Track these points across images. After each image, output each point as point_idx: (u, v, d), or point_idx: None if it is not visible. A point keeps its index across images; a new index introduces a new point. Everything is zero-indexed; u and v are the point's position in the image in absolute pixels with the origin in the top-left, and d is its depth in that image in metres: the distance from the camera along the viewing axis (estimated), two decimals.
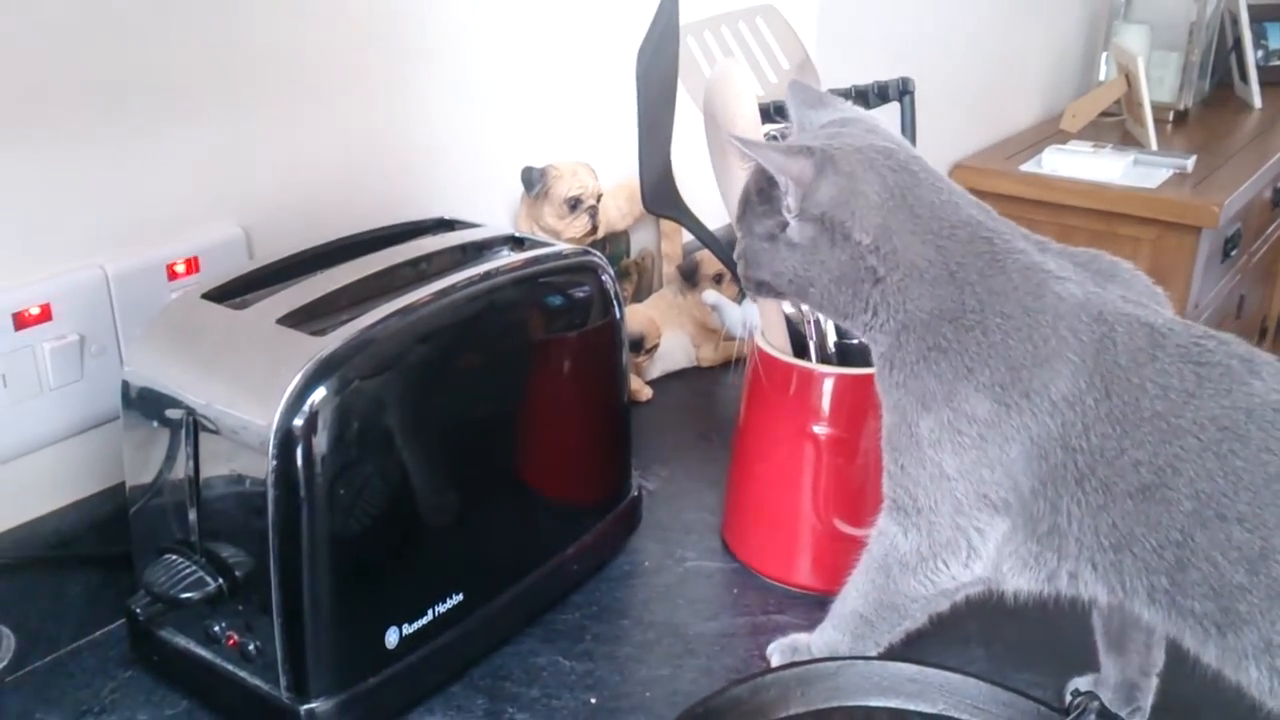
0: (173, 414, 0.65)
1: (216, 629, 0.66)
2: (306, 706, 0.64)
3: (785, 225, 0.63)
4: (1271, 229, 2.53)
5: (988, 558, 0.63)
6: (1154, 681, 0.69)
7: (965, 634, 0.75)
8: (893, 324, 0.62)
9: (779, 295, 0.67)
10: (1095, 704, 0.62)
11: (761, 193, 0.64)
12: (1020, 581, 0.63)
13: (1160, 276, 2.00)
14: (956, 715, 0.65)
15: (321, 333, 0.63)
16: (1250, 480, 0.54)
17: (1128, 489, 0.57)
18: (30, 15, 0.69)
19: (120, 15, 0.73)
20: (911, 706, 0.66)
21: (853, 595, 0.68)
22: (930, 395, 0.61)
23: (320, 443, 0.61)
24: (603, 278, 0.77)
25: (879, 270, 0.61)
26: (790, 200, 0.62)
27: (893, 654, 0.69)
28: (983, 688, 0.65)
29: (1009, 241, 0.61)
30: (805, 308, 0.79)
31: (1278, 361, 0.57)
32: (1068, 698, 0.67)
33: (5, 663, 0.54)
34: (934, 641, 0.73)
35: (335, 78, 0.88)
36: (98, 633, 0.75)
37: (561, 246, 0.78)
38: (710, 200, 0.80)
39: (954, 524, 0.62)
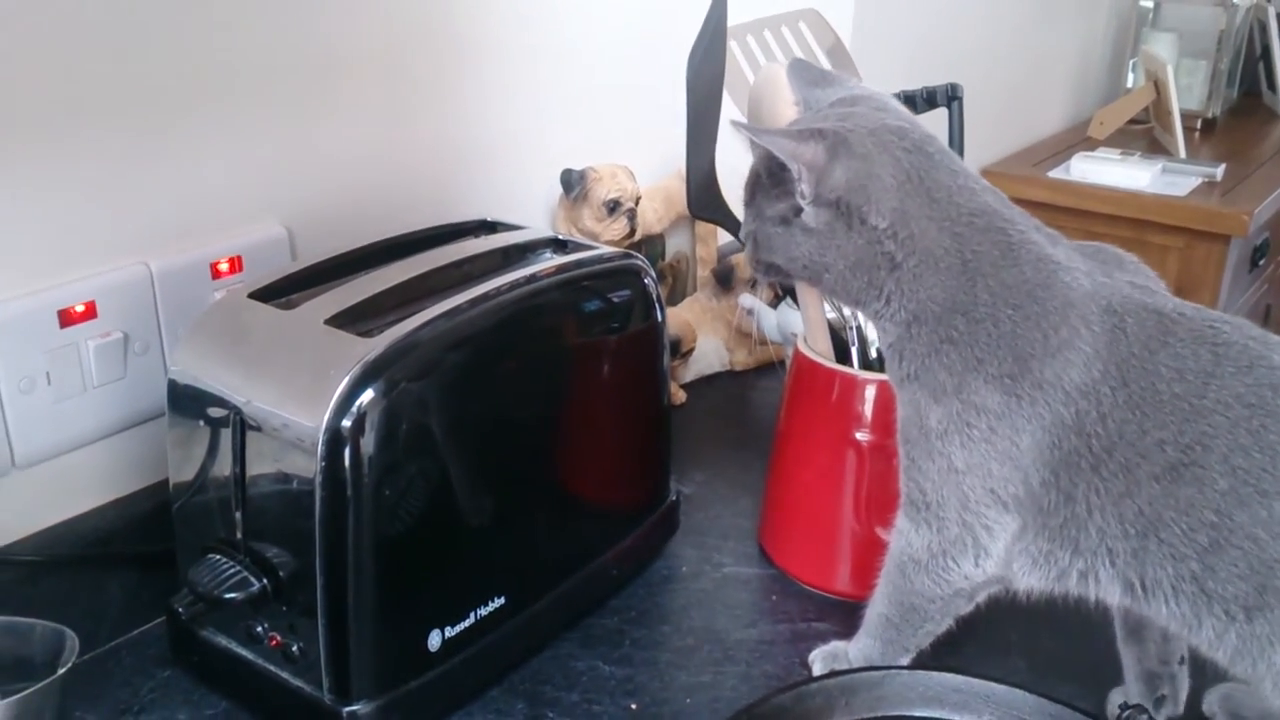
0: (219, 413, 0.64)
1: (259, 629, 0.66)
2: (349, 708, 0.64)
3: (799, 210, 0.62)
4: None
5: (998, 556, 0.62)
6: (1177, 670, 0.68)
7: (1006, 644, 0.75)
8: (904, 313, 0.61)
9: (788, 278, 0.67)
10: (1144, 717, 0.62)
11: (772, 175, 0.63)
12: (1031, 580, 0.63)
13: (1188, 285, 1.99)
14: None
15: (369, 334, 0.63)
16: None
17: (1153, 471, 0.56)
18: (79, 21, 0.69)
19: (167, 21, 0.73)
20: (956, 717, 0.66)
21: (879, 598, 0.68)
22: (940, 387, 0.61)
23: (368, 444, 0.61)
24: (645, 280, 0.77)
25: (896, 256, 0.61)
26: (805, 186, 0.61)
27: (936, 664, 0.69)
28: (1029, 699, 0.65)
29: (1023, 233, 0.61)
30: (848, 312, 0.79)
31: None
32: (1113, 709, 0.67)
33: (69, 665, 0.54)
34: (975, 651, 0.73)
35: (377, 80, 0.88)
36: (136, 631, 0.75)
37: (604, 249, 0.78)
38: None
39: (961, 520, 0.62)
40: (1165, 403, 0.57)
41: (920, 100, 0.78)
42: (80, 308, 0.71)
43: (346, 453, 0.61)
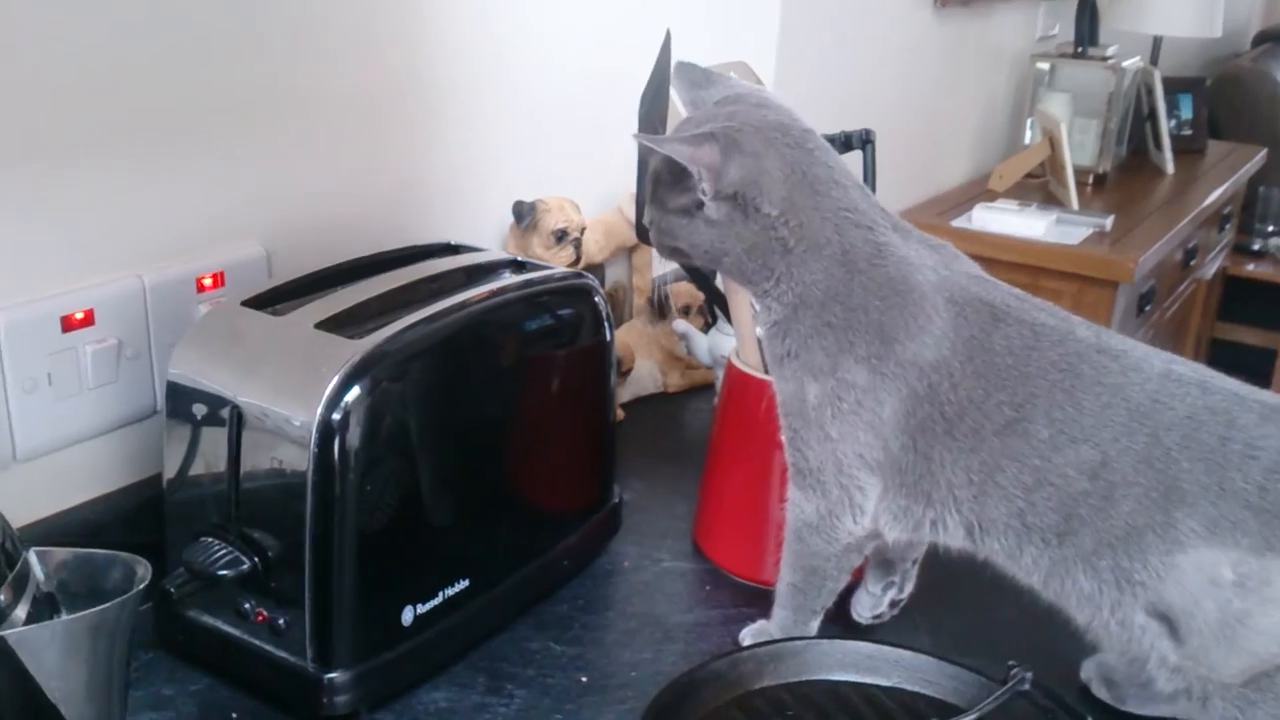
0: (216, 409, 0.71)
1: (246, 606, 0.72)
2: (330, 675, 0.70)
3: (700, 204, 0.71)
4: (1183, 287, 2.69)
5: (870, 513, 0.73)
6: (909, 568, 0.83)
7: (914, 623, 0.84)
8: (791, 295, 0.71)
9: (689, 260, 0.76)
10: (1029, 674, 0.71)
11: (672, 174, 0.72)
12: (894, 532, 0.74)
13: None
14: (909, 687, 0.74)
15: (355, 338, 0.71)
16: (1090, 406, 0.66)
17: (994, 428, 0.68)
18: (84, 58, 0.76)
19: (163, 59, 0.80)
20: (870, 680, 0.75)
21: (784, 570, 0.78)
22: (818, 367, 0.71)
23: (355, 436, 0.68)
24: (596, 299, 0.86)
25: (789, 241, 0.70)
26: (705, 185, 0.70)
27: (853, 635, 0.78)
28: (931, 662, 0.74)
29: (886, 232, 0.72)
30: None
31: (1089, 321, 0.70)
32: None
33: (144, 585, 0.57)
34: (886, 630, 0.82)
35: (348, 116, 0.96)
36: None
37: (559, 269, 0.87)
38: None
39: (839, 483, 0.72)
40: (1001, 372, 0.68)
41: (838, 143, 0.88)
42: (80, 315, 0.77)
43: (336, 444, 0.68)
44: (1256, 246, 3.42)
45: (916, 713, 0.72)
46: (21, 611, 0.51)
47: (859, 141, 0.86)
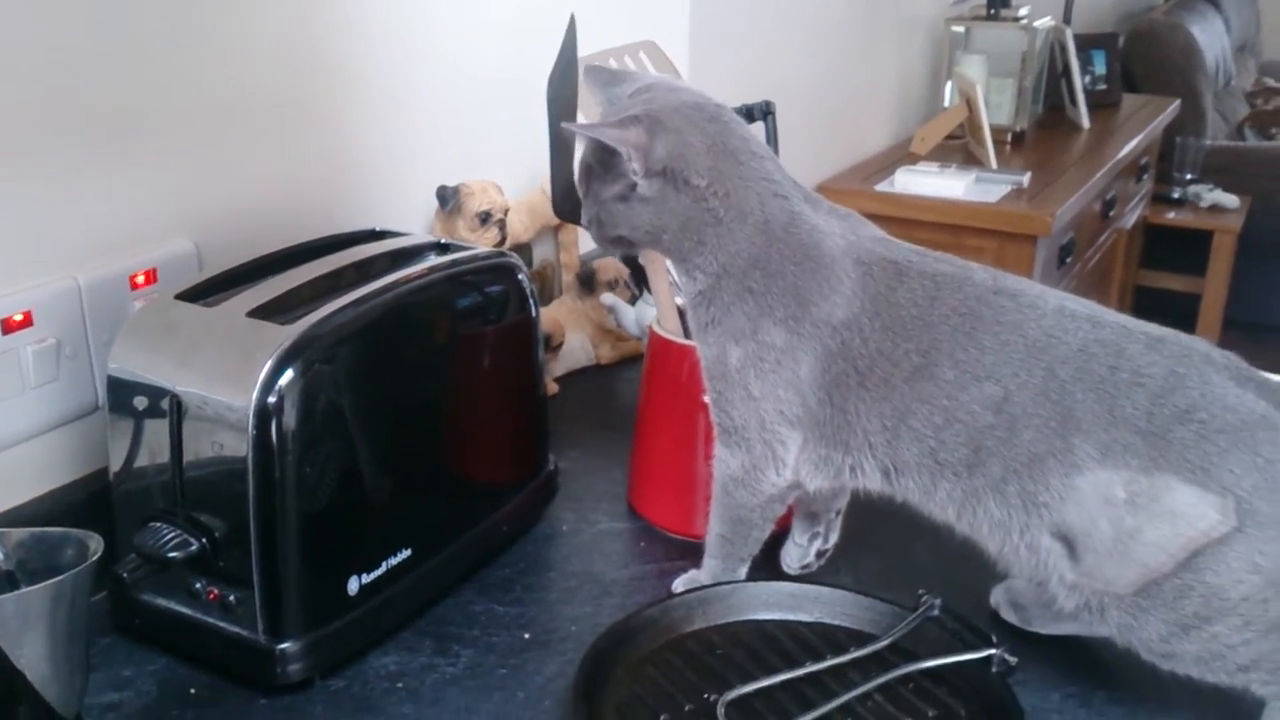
0: (156, 400, 0.74)
1: (198, 586, 0.76)
2: (281, 646, 0.74)
3: (634, 185, 0.75)
4: (1104, 238, 2.78)
5: (791, 465, 0.78)
6: (833, 519, 0.88)
7: (834, 565, 0.89)
8: (715, 265, 0.76)
9: (633, 247, 0.80)
10: (938, 600, 0.77)
11: (602, 163, 0.76)
12: (816, 481, 0.79)
13: None
14: (830, 621, 0.79)
15: (286, 324, 0.74)
16: (990, 345, 0.72)
17: (903, 375, 0.73)
18: (12, 65, 0.78)
19: (86, 61, 0.83)
20: (793, 617, 0.80)
21: (713, 521, 0.82)
22: (740, 330, 0.76)
23: (290, 418, 0.72)
24: (519, 276, 0.90)
25: (719, 211, 0.75)
26: (635, 164, 0.74)
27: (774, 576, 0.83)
28: (849, 597, 0.80)
29: (799, 203, 0.76)
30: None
31: (985, 267, 0.75)
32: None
33: (96, 558, 0.60)
34: (807, 576, 0.87)
35: (273, 112, 0.98)
36: None
37: (482, 249, 0.91)
38: None
39: (762, 439, 0.77)
40: (906, 323, 0.73)
41: (740, 115, 0.92)
42: (19, 317, 0.80)
43: (273, 426, 0.71)
44: (1176, 194, 3.53)
45: (836, 643, 0.77)
46: None
47: (760, 113, 0.90)
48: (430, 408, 0.84)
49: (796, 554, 0.88)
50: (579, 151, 0.80)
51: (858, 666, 0.74)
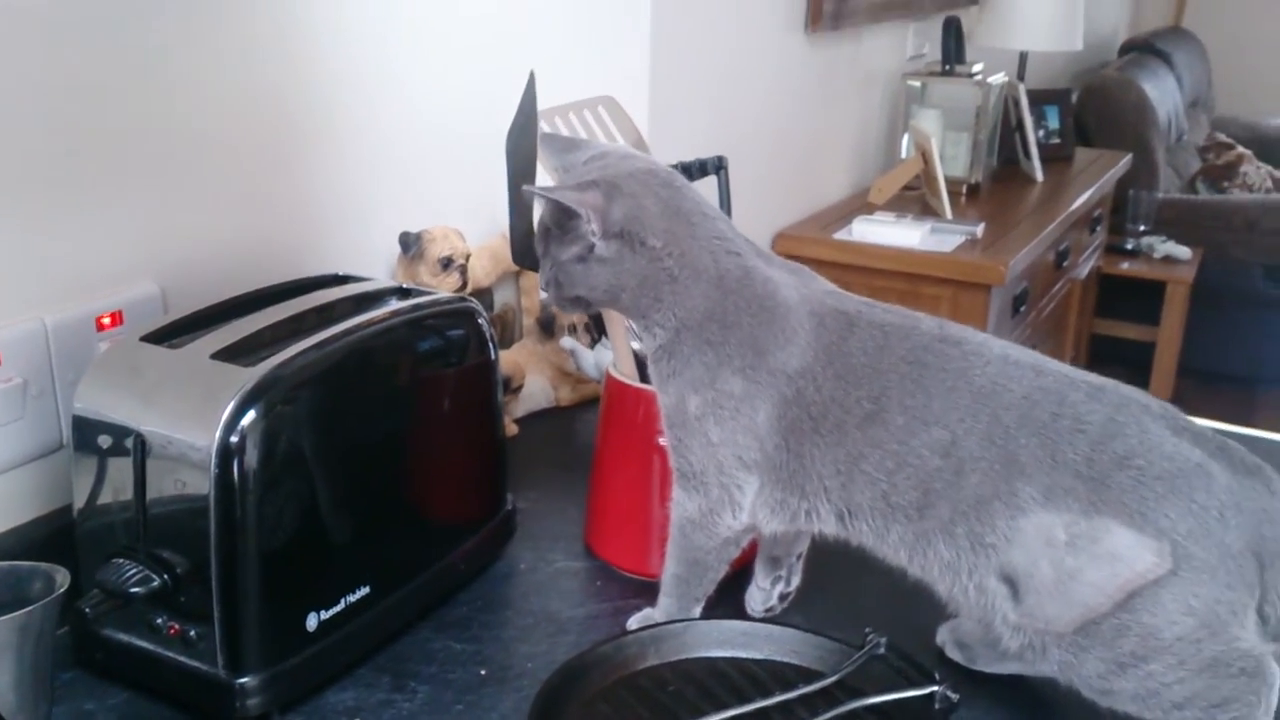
0: (121, 439, 0.76)
1: (159, 621, 0.77)
2: (240, 680, 0.75)
3: (592, 247, 0.78)
4: (1058, 287, 2.84)
5: (748, 509, 0.80)
6: (794, 563, 0.90)
7: (787, 606, 0.91)
8: (674, 320, 0.78)
9: (590, 307, 0.83)
10: (884, 639, 0.79)
11: (560, 225, 0.79)
12: (772, 524, 0.81)
13: None
14: (779, 659, 0.81)
15: (250, 365, 0.76)
16: (936, 392, 0.75)
17: (855, 422, 0.76)
18: None
19: (51, 110, 0.85)
20: (744, 654, 0.82)
21: (669, 561, 0.85)
22: (699, 380, 0.78)
23: (252, 457, 0.74)
24: (479, 320, 0.92)
25: (674, 270, 0.78)
26: (594, 225, 0.77)
27: (726, 615, 0.85)
28: (798, 635, 0.82)
29: (751, 259, 0.80)
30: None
31: (931, 316, 0.78)
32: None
33: (63, 589, 0.60)
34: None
35: (237, 158, 1.01)
36: None
37: (443, 294, 0.93)
38: None
39: (720, 483, 0.80)
40: (857, 371, 0.76)
41: (694, 169, 0.96)
42: None
43: (235, 465, 0.73)
44: (1130, 246, 3.62)
45: (785, 680, 0.79)
46: None
47: (713, 167, 0.94)
48: (390, 448, 0.86)
49: (760, 597, 0.90)
50: (537, 210, 0.83)
51: (805, 703, 0.76)
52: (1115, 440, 0.71)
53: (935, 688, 0.75)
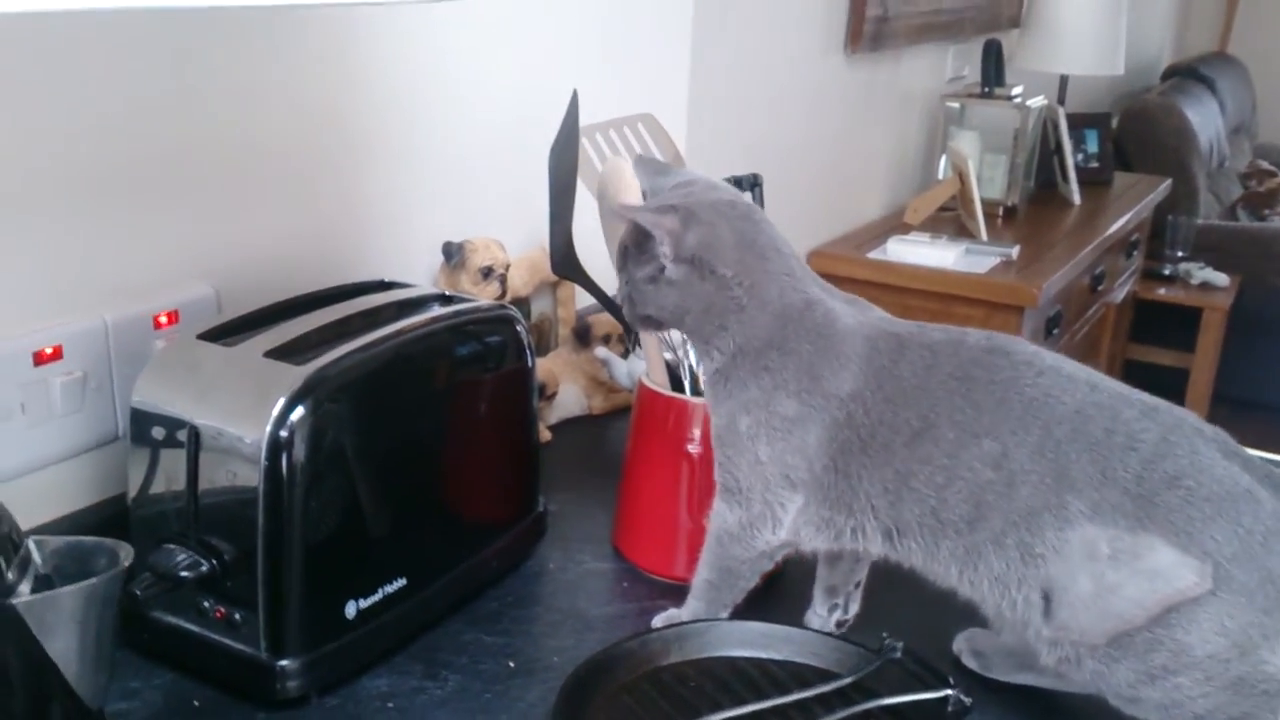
0: (174, 432, 0.80)
1: (205, 605, 0.81)
2: (281, 663, 0.79)
3: (663, 269, 0.81)
4: (1092, 311, 2.84)
5: (788, 525, 0.83)
6: (853, 591, 0.91)
7: (802, 612, 0.94)
8: (733, 345, 0.81)
9: (660, 326, 0.86)
10: (900, 644, 0.82)
11: (638, 245, 0.83)
12: (816, 542, 0.83)
13: None
14: (798, 660, 0.84)
15: (300, 365, 0.80)
16: (985, 405, 0.76)
17: (904, 440, 0.77)
18: (45, 121, 0.85)
19: (113, 120, 0.90)
20: (764, 655, 0.85)
21: (702, 567, 0.87)
22: (753, 401, 0.81)
23: (300, 452, 0.77)
24: (518, 327, 0.96)
25: (743, 300, 0.81)
26: (666, 248, 0.81)
27: (748, 616, 0.88)
28: (817, 638, 0.85)
29: (815, 291, 0.82)
30: (680, 353, 0.99)
31: (977, 331, 0.80)
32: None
33: (128, 563, 0.65)
34: (780, 614, 0.92)
35: (288, 167, 1.05)
36: None
37: (483, 302, 0.97)
38: (604, 269, 0.99)
39: (764, 499, 0.82)
40: (907, 392, 0.78)
41: (730, 185, 0.98)
42: (50, 350, 0.86)
43: (284, 459, 0.77)
44: (1167, 271, 3.60)
45: (804, 680, 0.82)
46: (25, 588, 0.60)
47: (747, 185, 0.97)
48: (429, 448, 0.89)
49: (817, 623, 0.91)
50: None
51: (822, 702, 0.79)
52: (1166, 460, 0.72)
53: (949, 691, 0.77)
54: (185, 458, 0.80)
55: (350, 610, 0.82)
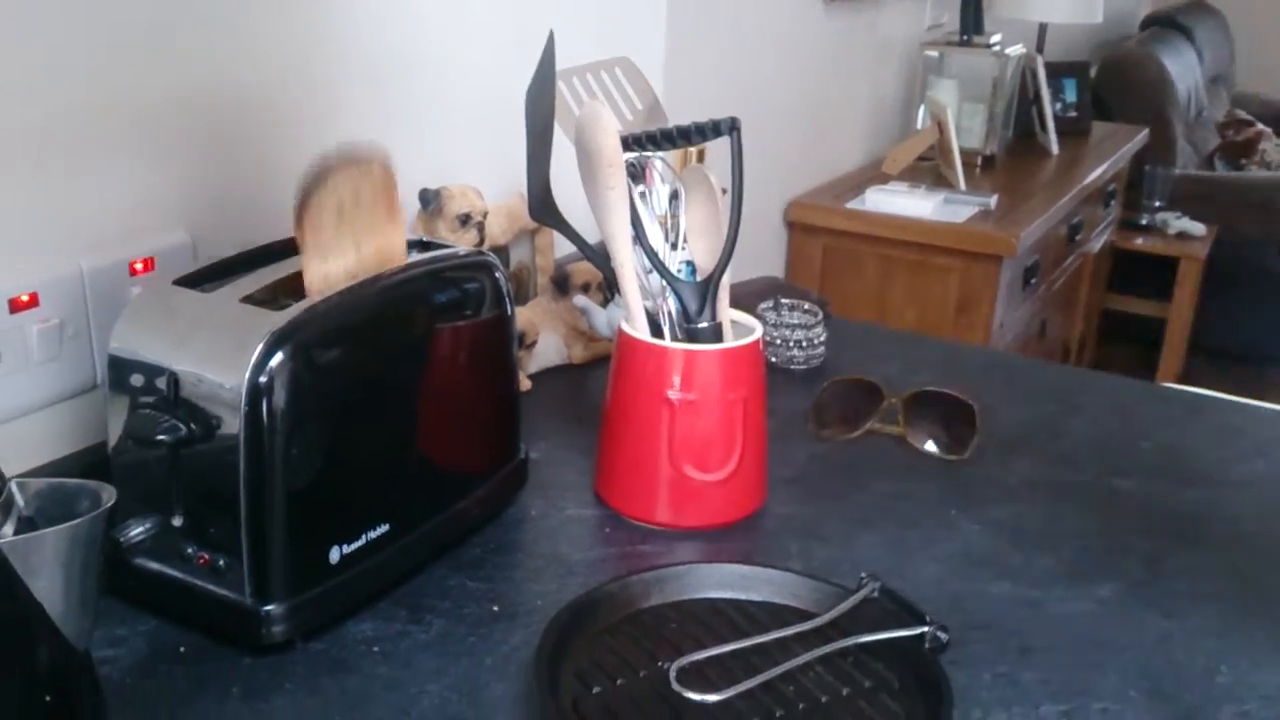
0: (153, 379, 0.79)
1: (189, 551, 0.81)
2: (266, 608, 0.79)
3: None
4: (1069, 260, 2.86)
5: None
6: None
7: (788, 553, 0.95)
8: None
9: None
10: (878, 582, 0.83)
11: None
12: None
13: (968, 301, 2.32)
14: (777, 600, 0.85)
15: (279, 310, 0.80)
16: None
17: None
18: (23, 65, 0.84)
19: (91, 65, 0.89)
20: (744, 596, 0.86)
21: None
22: None
23: (279, 397, 0.77)
24: (496, 274, 0.96)
25: None
26: None
27: (728, 559, 0.89)
28: (796, 579, 0.86)
29: None
30: (659, 300, 0.99)
31: None
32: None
33: (111, 504, 0.64)
34: (761, 557, 0.93)
35: (264, 111, 1.04)
36: None
37: (461, 249, 0.96)
38: (582, 215, 0.99)
39: None
40: None
41: (708, 130, 0.98)
42: (26, 297, 0.85)
43: (264, 405, 0.77)
44: (1144, 221, 3.62)
45: (783, 620, 0.83)
46: (9, 529, 0.60)
47: (726, 128, 0.96)
48: (409, 394, 0.89)
49: None
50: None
51: (801, 640, 0.80)
52: None
53: (925, 628, 0.78)
54: (165, 404, 0.80)
55: (334, 555, 0.82)
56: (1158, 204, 3.67)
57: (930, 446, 1.14)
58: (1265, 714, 0.78)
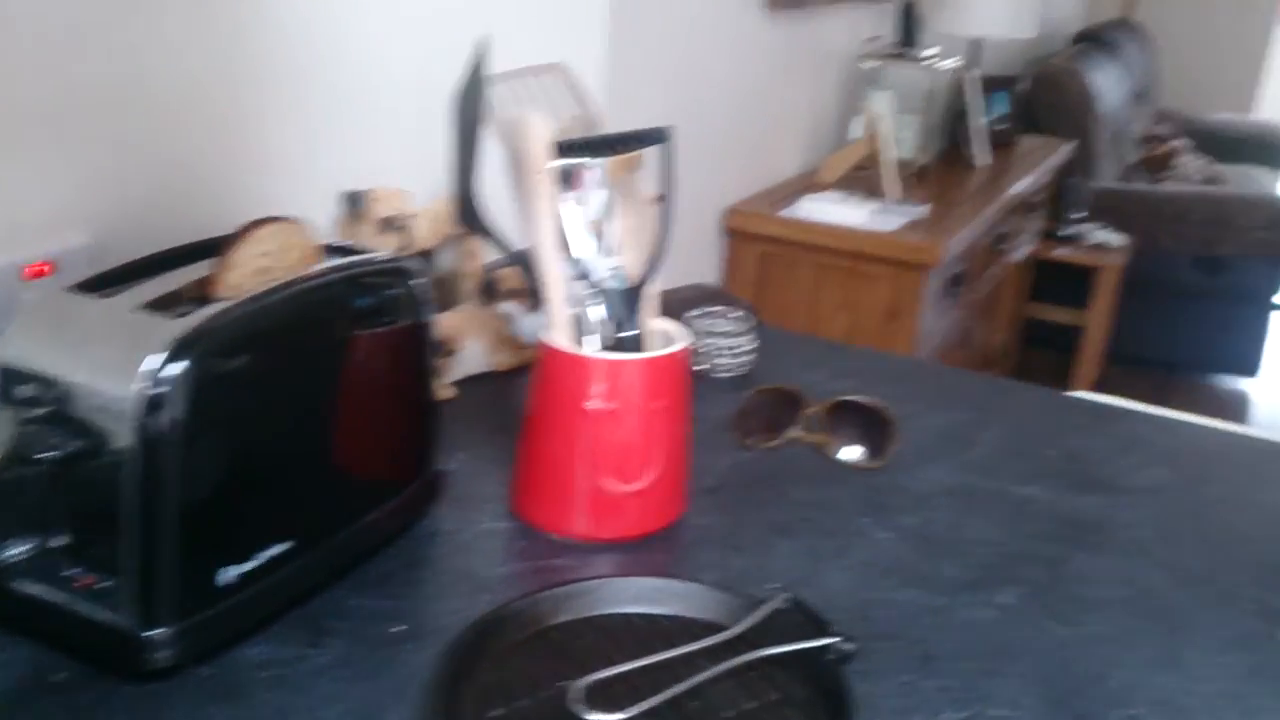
0: (44, 390, 0.76)
1: (71, 573, 0.77)
2: (150, 634, 0.75)
3: None
4: (993, 270, 2.90)
5: None
6: None
7: (699, 565, 0.94)
8: None
9: None
10: (787, 594, 0.82)
11: None
12: None
13: (896, 309, 2.34)
14: (689, 614, 0.84)
15: (179, 317, 0.76)
16: None
17: None
18: None
19: None
20: (656, 610, 0.84)
21: None
22: None
23: (175, 410, 0.74)
24: (415, 281, 0.93)
25: None
26: None
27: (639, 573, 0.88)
28: (709, 591, 0.85)
29: None
30: (582, 309, 0.97)
31: None
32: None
33: None
34: (675, 570, 0.92)
35: (175, 108, 1.01)
36: None
37: (380, 253, 0.94)
38: (509, 221, 0.97)
39: None
40: None
41: (635, 141, 0.96)
42: None
43: (158, 416, 0.73)
44: (1065, 232, 3.68)
45: (694, 633, 0.81)
46: None
47: (652, 140, 0.95)
48: (318, 405, 0.86)
49: None
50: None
51: (709, 654, 0.79)
52: None
53: (831, 639, 0.78)
54: (53, 418, 0.76)
55: (226, 576, 0.79)
56: (1077, 215, 3.73)
57: (849, 455, 1.14)
58: (1154, 718, 0.79)
